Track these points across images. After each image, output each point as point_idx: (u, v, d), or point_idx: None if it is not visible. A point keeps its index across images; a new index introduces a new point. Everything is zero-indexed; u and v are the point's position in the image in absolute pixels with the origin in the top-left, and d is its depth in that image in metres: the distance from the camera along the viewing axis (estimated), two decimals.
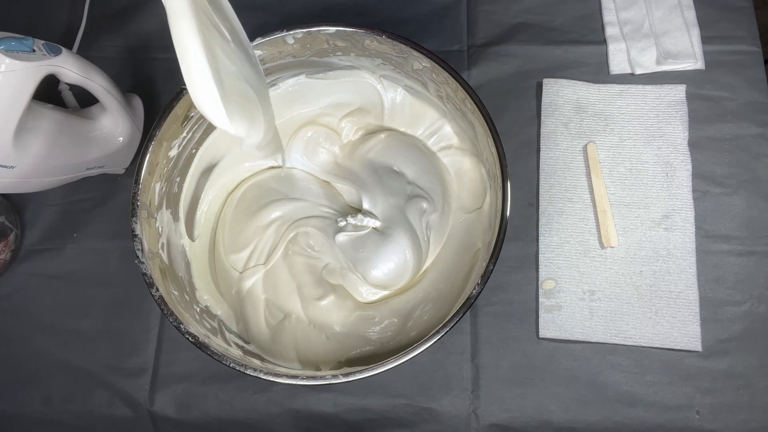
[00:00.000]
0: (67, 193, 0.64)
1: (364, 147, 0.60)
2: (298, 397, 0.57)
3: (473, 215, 0.56)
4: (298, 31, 0.50)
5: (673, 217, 0.58)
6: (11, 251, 0.61)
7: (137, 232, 0.48)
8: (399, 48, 0.51)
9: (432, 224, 0.57)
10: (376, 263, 0.55)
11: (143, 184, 0.49)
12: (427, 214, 0.56)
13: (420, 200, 0.56)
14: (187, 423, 0.58)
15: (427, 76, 0.53)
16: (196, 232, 0.58)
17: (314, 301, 0.56)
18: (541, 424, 0.55)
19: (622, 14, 0.64)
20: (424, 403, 0.56)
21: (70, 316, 0.61)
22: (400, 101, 0.59)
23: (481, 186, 0.56)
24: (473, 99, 0.48)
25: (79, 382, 0.59)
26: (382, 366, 0.44)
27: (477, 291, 0.45)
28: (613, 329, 0.56)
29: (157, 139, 0.50)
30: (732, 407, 0.54)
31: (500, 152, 0.47)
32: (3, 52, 0.44)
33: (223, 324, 0.55)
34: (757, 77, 0.62)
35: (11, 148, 0.47)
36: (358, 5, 0.68)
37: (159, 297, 0.47)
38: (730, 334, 0.56)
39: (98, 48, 0.68)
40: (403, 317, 0.54)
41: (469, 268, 0.53)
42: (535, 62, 0.64)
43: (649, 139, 0.60)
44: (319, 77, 0.58)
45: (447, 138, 0.59)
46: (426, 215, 0.56)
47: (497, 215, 0.47)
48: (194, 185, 0.57)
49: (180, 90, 0.50)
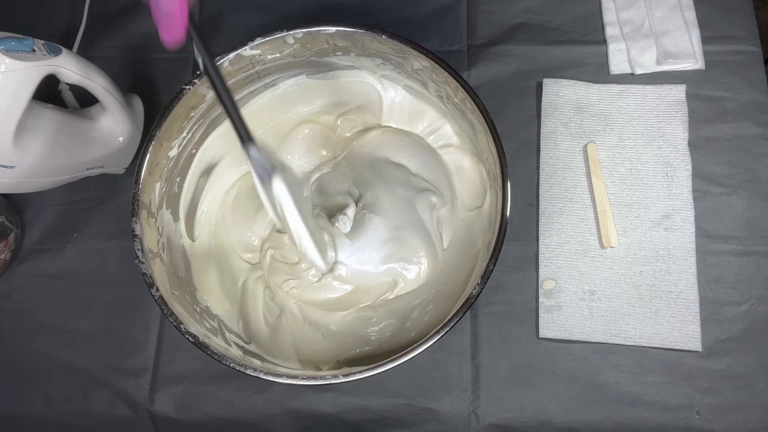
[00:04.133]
0: (67, 193, 0.64)
1: (360, 142, 0.59)
2: (298, 397, 0.57)
3: (473, 214, 0.56)
4: (298, 31, 0.50)
5: (673, 217, 0.58)
6: (11, 251, 0.61)
7: (137, 232, 0.48)
8: (399, 48, 0.50)
9: (443, 219, 0.56)
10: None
11: (143, 184, 0.49)
12: (437, 208, 0.56)
13: (429, 194, 0.55)
14: (187, 423, 0.58)
15: (427, 76, 0.53)
16: (196, 232, 0.58)
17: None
18: (541, 424, 0.55)
19: (622, 14, 0.64)
20: (424, 403, 0.56)
21: (70, 316, 0.61)
22: (400, 101, 0.59)
23: (481, 186, 0.56)
24: (473, 99, 0.48)
25: (79, 382, 0.59)
26: (382, 366, 0.44)
27: (477, 291, 0.45)
28: (613, 329, 0.56)
29: (157, 139, 0.50)
30: (732, 407, 0.54)
31: (500, 152, 0.47)
32: (3, 52, 0.44)
33: (223, 324, 0.55)
34: (757, 77, 0.62)
35: (11, 148, 0.47)
36: (358, 5, 0.68)
37: (159, 297, 0.47)
38: (730, 334, 0.56)
39: (98, 48, 0.68)
40: (402, 318, 0.54)
41: (469, 269, 0.53)
42: (535, 62, 0.64)
43: (649, 139, 0.60)
44: (319, 77, 0.58)
45: (447, 137, 0.59)
46: (436, 209, 0.55)
47: (497, 215, 0.47)
48: (194, 185, 0.57)
49: (180, 90, 0.50)
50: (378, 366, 0.44)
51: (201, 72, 0.39)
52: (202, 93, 0.52)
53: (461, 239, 0.56)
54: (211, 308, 0.55)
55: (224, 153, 0.59)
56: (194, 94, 0.51)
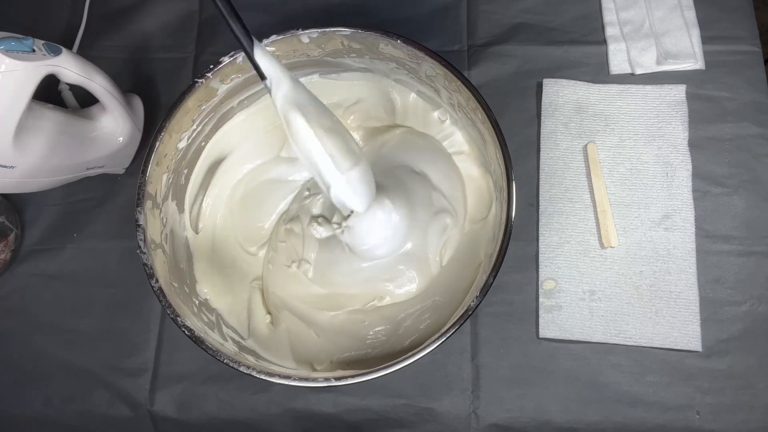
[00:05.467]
0: (67, 193, 0.64)
1: (377, 141, 0.59)
2: (298, 398, 0.57)
3: (478, 226, 0.55)
4: (313, 30, 0.50)
5: (673, 217, 0.58)
6: (11, 251, 0.61)
7: (141, 222, 0.48)
8: (413, 53, 0.50)
9: (450, 242, 0.55)
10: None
11: (150, 174, 0.49)
12: (448, 230, 0.55)
13: (444, 216, 0.54)
14: (187, 423, 0.58)
15: (440, 83, 0.53)
16: (200, 225, 0.58)
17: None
18: (541, 424, 0.55)
19: (622, 14, 0.64)
20: (424, 404, 0.56)
21: (70, 316, 0.61)
22: (413, 105, 0.59)
23: (488, 196, 0.55)
24: (484, 110, 0.48)
25: (79, 382, 0.59)
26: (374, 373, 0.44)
27: (475, 303, 0.44)
28: (613, 329, 0.56)
29: (167, 131, 0.50)
30: (732, 407, 0.54)
31: (508, 166, 0.46)
32: (3, 52, 0.44)
33: (221, 318, 0.54)
34: (757, 77, 0.62)
35: (11, 148, 0.47)
36: (359, 5, 0.68)
37: (158, 288, 0.46)
38: (730, 334, 0.56)
39: (98, 48, 0.68)
40: (395, 324, 0.54)
41: (470, 281, 0.52)
42: (535, 62, 0.64)
43: (649, 139, 0.60)
44: (332, 77, 0.58)
45: (458, 144, 0.58)
46: (447, 231, 0.55)
47: (501, 227, 0.47)
48: (201, 178, 0.57)
49: (193, 83, 0.50)
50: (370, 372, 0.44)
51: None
52: (214, 87, 0.52)
53: (464, 252, 0.55)
54: (210, 301, 0.55)
55: (233, 147, 0.59)
56: (206, 88, 0.51)
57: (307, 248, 0.55)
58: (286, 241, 0.57)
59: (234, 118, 0.58)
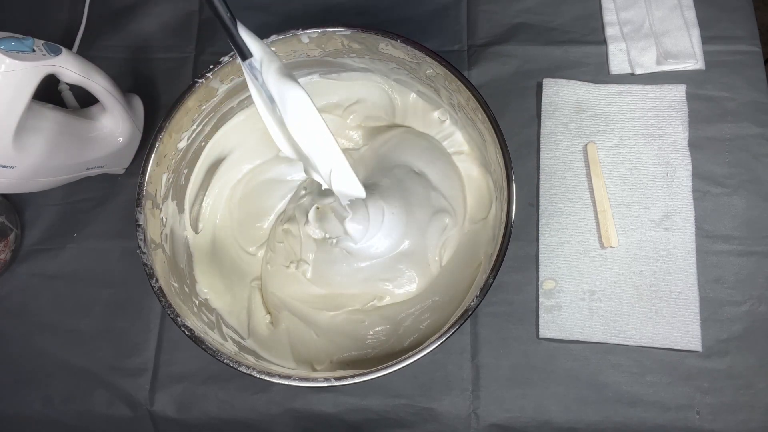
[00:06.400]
0: (67, 193, 0.64)
1: (377, 140, 0.59)
2: (298, 398, 0.57)
3: (478, 226, 0.55)
4: (313, 30, 0.50)
5: (673, 217, 0.58)
6: (11, 251, 0.61)
7: (141, 222, 0.48)
8: (413, 53, 0.50)
9: (449, 242, 0.55)
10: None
11: (150, 174, 0.49)
12: (447, 230, 0.55)
13: (443, 215, 0.54)
14: (187, 423, 0.58)
15: (440, 83, 0.53)
16: (200, 225, 0.58)
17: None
18: (541, 424, 0.55)
19: (622, 14, 0.64)
20: (424, 404, 0.56)
21: (70, 316, 0.61)
22: (413, 104, 0.59)
23: (488, 196, 0.56)
24: (484, 110, 0.48)
25: (79, 382, 0.59)
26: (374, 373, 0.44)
27: (475, 304, 0.44)
28: (613, 329, 0.56)
29: (167, 131, 0.50)
30: (732, 407, 0.54)
31: (508, 166, 0.46)
32: (3, 52, 0.44)
33: (221, 318, 0.55)
34: (757, 77, 0.62)
35: (11, 148, 0.47)
36: (358, 5, 0.68)
37: (158, 288, 0.47)
38: (730, 334, 0.56)
39: (98, 48, 0.68)
40: (395, 324, 0.54)
41: (470, 281, 0.52)
42: (535, 62, 0.64)
43: (649, 139, 0.60)
44: (332, 77, 0.58)
45: (458, 144, 0.59)
46: (446, 232, 0.55)
47: (501, 227, 0.47)
48: (201, 178, 0.57)
49: (193, 82, 0.50)
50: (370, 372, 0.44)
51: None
52: (214, 87, 0.52)
53: (464, 252, 0.55)
54: (210, 301, 0.55)
55: (233, 147, 0.59)
56: (206, 88, 0.51)
57: (305, 249, 0.55)
58: (283, 242, 0.57)
59: (234, 118, 0.58)
